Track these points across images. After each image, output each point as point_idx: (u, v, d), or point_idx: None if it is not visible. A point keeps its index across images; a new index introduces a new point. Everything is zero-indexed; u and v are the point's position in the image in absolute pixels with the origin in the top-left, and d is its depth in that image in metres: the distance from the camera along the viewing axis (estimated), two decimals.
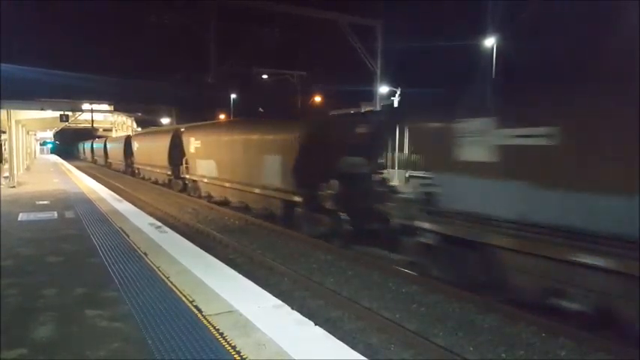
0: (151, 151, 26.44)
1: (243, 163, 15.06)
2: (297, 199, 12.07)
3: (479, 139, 7.02)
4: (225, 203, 17.02)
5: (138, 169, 30.85)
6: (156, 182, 26.42)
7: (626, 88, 5.28)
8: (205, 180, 18.26)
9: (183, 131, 20.94)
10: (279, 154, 12.77)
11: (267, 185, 13.48)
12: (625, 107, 5.32)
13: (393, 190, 10.73)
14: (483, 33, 22.24)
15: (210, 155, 17.62)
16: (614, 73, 5.51)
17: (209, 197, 18.39)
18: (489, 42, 22.44)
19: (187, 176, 20.36)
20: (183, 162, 20.46)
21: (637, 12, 5.22)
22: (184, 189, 21.48)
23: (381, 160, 13.55)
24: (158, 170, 25.26)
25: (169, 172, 23.02)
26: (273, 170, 13.08)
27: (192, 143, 19.13)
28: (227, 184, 16.34)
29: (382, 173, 12.13)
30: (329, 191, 11.05)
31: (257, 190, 14.13)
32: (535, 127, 6.21)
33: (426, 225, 8.00)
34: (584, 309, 5.83)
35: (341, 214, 10.84)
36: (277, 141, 13.09)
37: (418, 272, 8.36)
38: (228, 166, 16.27)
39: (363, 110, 27.00)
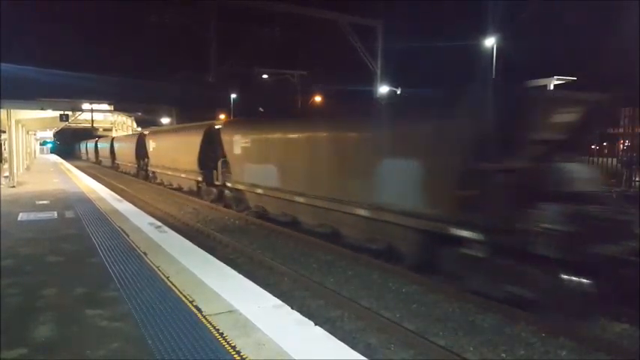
0: (174, 151, 21.90)
1: (332, 170, 10.62)
2: (464, 233, 7.16)
3: None
4: (289, 223, 12.79)
5: (154, 172, 26.50)
6: (178, 189, 22.26)
7: None
8: (259, 191, 13.98)
9: (221, 128, 17.08)
10: (420, 157, 8.14)
11: (387, 205, 8.84)
12: None
13: None
14: (483, 33, 22.25)
15: (267, 158, 13.58)
16: None
17: (261, 212, 14.35)
18: (489, 42, 22.43)
19: (229, 184, 16.36)
20: (219, 165, 16.94)
21: None
22: (219, 199, 17.85)
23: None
24: (183, 175, 20.85)
25: (199, 178, 18.90)
26: (402, 182, 8.55)
27: (238, 142, 15.09)
28: (299, 199, 11.77)
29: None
30: (544, 225, 6.26)
31: (362, 212, 9.51)
32: None
33: None
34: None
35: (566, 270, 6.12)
36: (417, 136, 8.28)
37: None
38: (301, 174, 11.94)
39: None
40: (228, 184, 16.36)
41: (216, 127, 17.77)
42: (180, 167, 20.96)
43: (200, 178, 18.76)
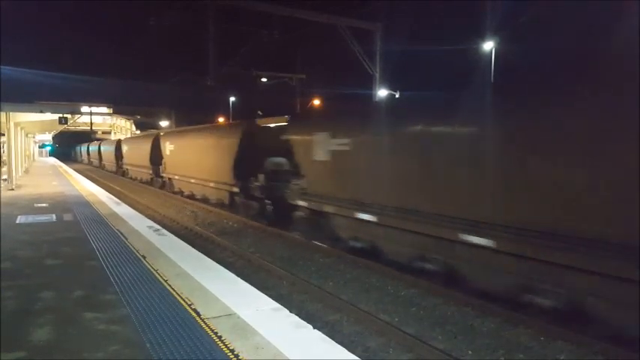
0: (199, 156, 18.74)
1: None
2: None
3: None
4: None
5: (170, 179, 23.20)
6: (203, 200, 18.85)
7: None
8: (369, 217, 9.39)
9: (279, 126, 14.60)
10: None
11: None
12: None
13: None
14: (482, 36, 22.32)
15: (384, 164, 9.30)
16: None
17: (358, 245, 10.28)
18: (488, 45, 22.51)
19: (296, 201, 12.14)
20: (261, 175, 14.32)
21: None
22: (261, 215, 14.43)
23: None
24: (212, 185, 17.56)
25: (235, 189, 15.66)
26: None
27: (321, 145, 10.66)
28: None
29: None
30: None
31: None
32: None
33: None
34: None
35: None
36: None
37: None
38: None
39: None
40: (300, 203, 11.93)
41: (266, 125, 15.26)
42: (208, 175, 17.77)
43: (236, 189, 15.58)
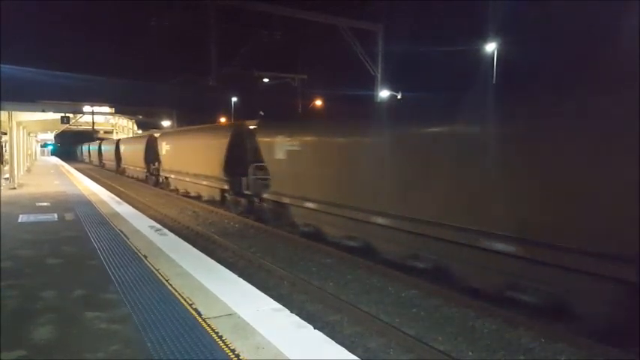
0: (193, 155, 19.29)
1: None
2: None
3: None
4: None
5: (166, 178, 23.80)
6: (197, 197, 19.35)
7: None
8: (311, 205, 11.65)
9: (257, 128, 14.81)
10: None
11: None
12: None
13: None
14: (484, 37, 22.32)
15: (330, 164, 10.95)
16: None
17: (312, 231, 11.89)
18: (490, 46, 22.51)
19: (266, 195, 13.84)
20: (249, 172, 15.08)
21: None
22: (248, 211, 15.34)
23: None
24: (204, 183, 18.24)
25: (225, 187, 16.32)
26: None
27: (282, 146, 12.55)
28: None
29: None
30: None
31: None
32: None
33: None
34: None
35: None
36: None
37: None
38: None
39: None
40: (265, 196, 13.76)
41: (251, 127, 15.81)
42: (201, 173, 18.44)
43: (226, 187, 16.29)
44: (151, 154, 26.10)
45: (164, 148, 23.23)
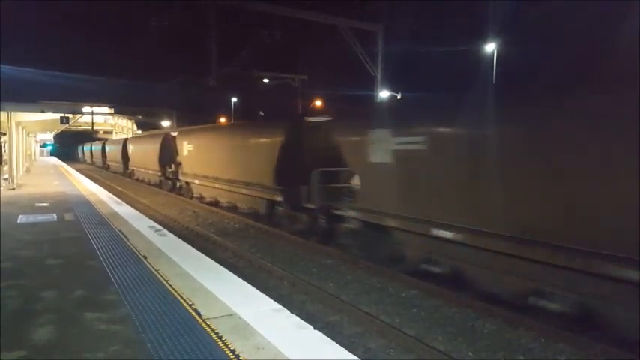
0: (227, 158, 16.49)
1: None
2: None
3: None
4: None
5: (188, 183, 21.05)
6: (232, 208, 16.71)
7: None
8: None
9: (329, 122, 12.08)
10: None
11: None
12: None
13: None
14: (484, 37, 22.32)
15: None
16: None
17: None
18: (490, 47, 22.51)
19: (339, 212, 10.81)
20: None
21: None
22: (311, 230, 12.10)
23: None
24: (244, 192, 15.18)
25: (278, 198, 13.19)
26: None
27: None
28: None
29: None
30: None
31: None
32: None
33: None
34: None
35: None
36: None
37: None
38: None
39: None
40: (350, 214, 10.27)
41: (311, 122, 12.89)
42: (239, 179, 15.46)
43: (278, 198, 13.14)
44: (167, 155, 23.05)
45: (185, 148, 20.08)
